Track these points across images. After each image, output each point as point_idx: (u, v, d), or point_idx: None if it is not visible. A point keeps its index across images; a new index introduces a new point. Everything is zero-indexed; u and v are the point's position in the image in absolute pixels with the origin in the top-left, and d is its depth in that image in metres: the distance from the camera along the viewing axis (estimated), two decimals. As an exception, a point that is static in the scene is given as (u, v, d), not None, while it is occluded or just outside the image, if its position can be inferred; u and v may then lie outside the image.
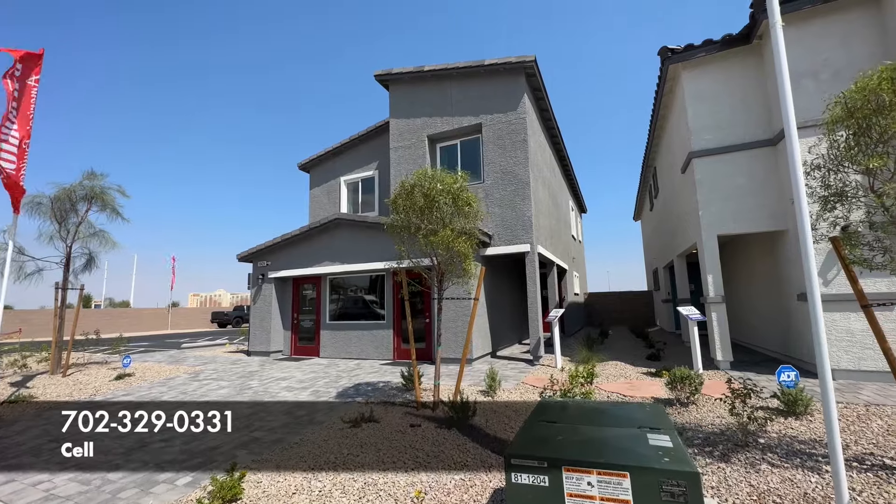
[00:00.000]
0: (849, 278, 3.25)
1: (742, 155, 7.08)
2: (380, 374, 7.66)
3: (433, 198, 4.82)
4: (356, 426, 4.46)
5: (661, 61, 7.82)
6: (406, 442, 3.96)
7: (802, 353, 6.57)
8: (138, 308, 34.47)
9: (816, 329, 2.03)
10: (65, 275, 8.26)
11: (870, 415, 4.20)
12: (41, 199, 7.97)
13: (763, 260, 8.15)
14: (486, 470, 3.30)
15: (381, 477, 3.26)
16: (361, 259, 9.56)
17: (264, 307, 10.80)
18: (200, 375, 8.19)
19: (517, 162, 9.10)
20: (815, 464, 3.16)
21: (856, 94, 2.91)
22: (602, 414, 2.25)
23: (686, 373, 4.94)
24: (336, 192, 12.87)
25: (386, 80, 10.93)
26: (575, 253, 17.03)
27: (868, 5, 5.99)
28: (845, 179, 3.13)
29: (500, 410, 4.86)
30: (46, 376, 8.01)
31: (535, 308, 8.59)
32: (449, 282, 5.13)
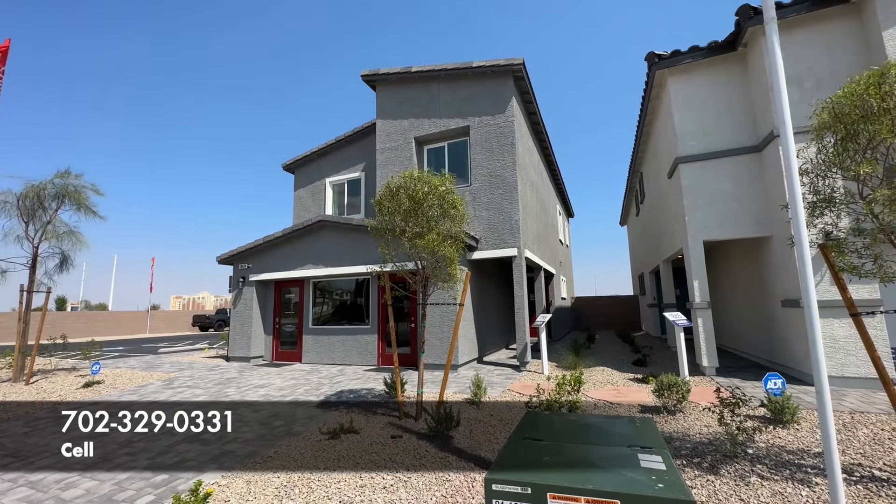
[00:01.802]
0: (838, 286, 3.21)
1: (728, 161, 7.11)
2: (363, 380, 7.45)
3: (419, 200, 4.67)
4: (335, 437, 4.26)
5: (648, 67, 7.84)
6: (386, 455, 3.78)
7: (787, 358, 6.59)
8: (117, 311, 33.36)
9: (813, 339, 1.94)
10: (31, 276, 7.84)
11: (855, 423, 4.18)
12: (7, 196, 7.57)
13: (747, 266, 8.20)
14: (469, 485, 3.15)
15: (358, 495, 3.07)
16: (346, 262, 9.34)
17: (245, 311, 10.47)
18: (175, 383, 7.84)
19: (505, 165, 9.02)
20: (804, 475, 3.09)
21: (843, 99, 2.87)
22: (590, 430, 2.12)
23: (673, 380, 4.87)
24: (321, 193, 12.61)
25: (373, 80, 10.76)
26: (562, 257, 17.04)
27: (850, 16, 6.07)
28: (833, 185, 3.09)
29: (485, 420, 4.72)
30: (8, 384, 7.57)
31: (523, 313, 8.48)
32: (434, 286, 4.98)
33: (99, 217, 8.68)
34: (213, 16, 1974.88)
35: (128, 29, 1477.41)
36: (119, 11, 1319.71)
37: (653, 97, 8.67)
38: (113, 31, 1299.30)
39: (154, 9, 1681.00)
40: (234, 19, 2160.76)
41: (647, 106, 9.14)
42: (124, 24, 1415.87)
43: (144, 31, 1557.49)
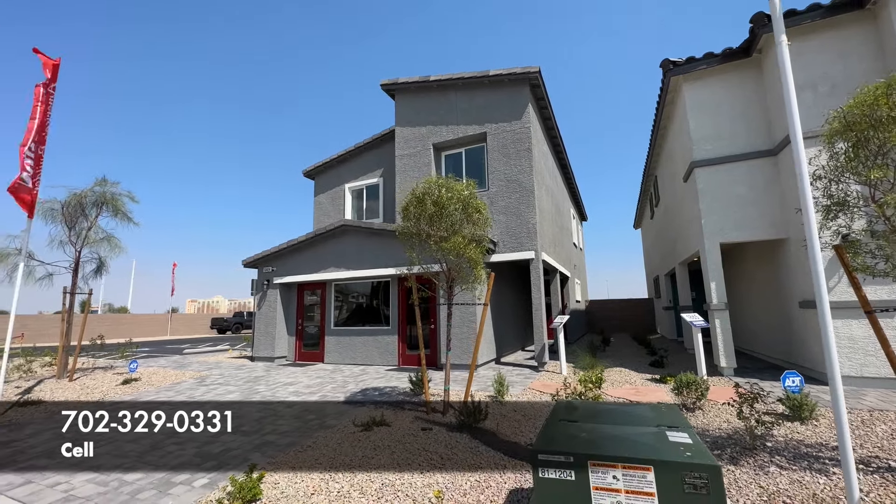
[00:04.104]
0: (852, 285, 3.36)
1: (743, 165, 7.23)
2: (386, 379, 7.71)
3: (443, 205, 4.93)
4: (368, 429, 4.52)
5: (663, 73, 8.00)
6: (419, 445, 4.02)
7: (805, 359, 6.66)
8: (137, 314, 34.36)
9: (826, 334, 2.13)
10: (73, 279, 8.32)
11: (874, 419, 4.28)
12: (53, 204, 8.07)
13: (763, 267, 8.26)
14: (500, 472, 3.37)
15: (398, 478, 3.32)
16: (367, 265, 9.65)
17: (269, 313, 10.85)
18: (207, 380, 8.22)
19: (521, 170, 9.25)
20: (822, 466, 3.23)
21: (854, 108, 3.04)
22: (620, 414, 2.34)
23: (692, 378, 5.02)
24: (340, 198, 13.00)
25: (392, 89, 11.12)
26: (576, 260, 17.14)
27: (865, 22, 6.18)
28: (847, 189, 3.26)
29: (510, 415, 4.92)
30: (53, 381, 8.03)
31: (540, 314, 8.67)
32: (458, 287, 5.22)
33: (133, 223, 9.15)
34: (214, 17, 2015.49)
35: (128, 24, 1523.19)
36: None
37: (667, 102, 8.82)
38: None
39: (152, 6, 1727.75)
40: (235, 19, 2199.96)
41: (662, 111, 9.28)
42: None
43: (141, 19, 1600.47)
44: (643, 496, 1.64)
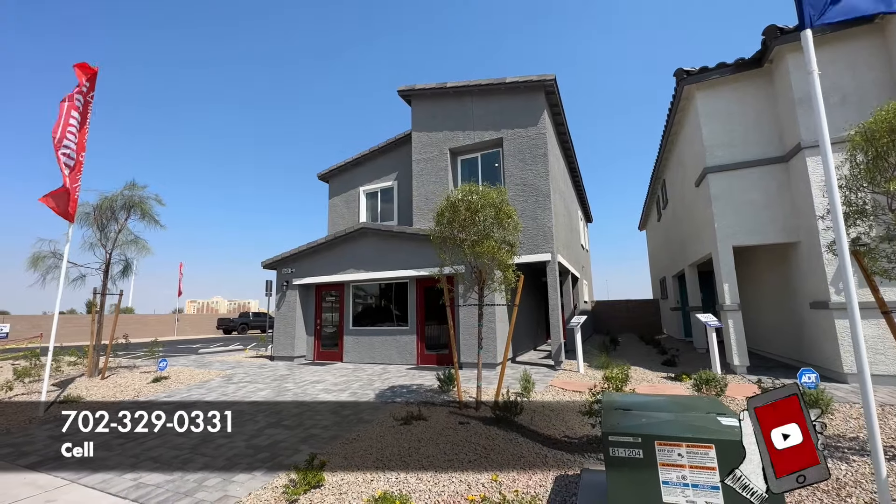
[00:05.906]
0: (870, 288, 3.62)
1: (755, 171, 7.50)
2: (409, 377, 7.96)
3: (476, 210, 5.19)
4: (407, 423, 4.77)
5: (677, 82, 8.28)
6: (460, 437, 4.27)
7: (815, 358, 6.91)
8: (143, 314, 34.58)
9: (855, 332, 2.39)
10: (104, 280, 8.57)
11: (886, 414, 4.54)
12: (86, 207, 8.32)
13: (773, 270, 8.53)
14: (543, 459, 3.62)
15: (448, 464, 3.57)
16: (385, 267, 9.90)
17: (288, 313, 11.10)
18: (234, 378, 8.47)
19: (538, 175, 9.51)
20: (842, 455, 3.49)
21: (874, 124, 3.31)
22: (669, 403, 2.59)
23: (711, 375, 5.28)
24: (355, 201, 13.26)
25: (409, 95, 11.39)
26: (584, 261, 17.40)
27: (874, 35, 6.45)
28: (865, 198, 3.52)
29: (539, 410, 5.18)
30: (85, 379, 8.28)
31: (557, 314, 8.92)
32: (488, 289, 5.48)
33: (160, 226, 9.39)
34: (213, 16, 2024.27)
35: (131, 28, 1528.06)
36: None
37: (679, 109, 9.09)
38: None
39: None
40: (235, 19, 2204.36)
41: (673, 118, 9.56)
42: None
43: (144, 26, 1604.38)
44: (706, 470, 1.90)
